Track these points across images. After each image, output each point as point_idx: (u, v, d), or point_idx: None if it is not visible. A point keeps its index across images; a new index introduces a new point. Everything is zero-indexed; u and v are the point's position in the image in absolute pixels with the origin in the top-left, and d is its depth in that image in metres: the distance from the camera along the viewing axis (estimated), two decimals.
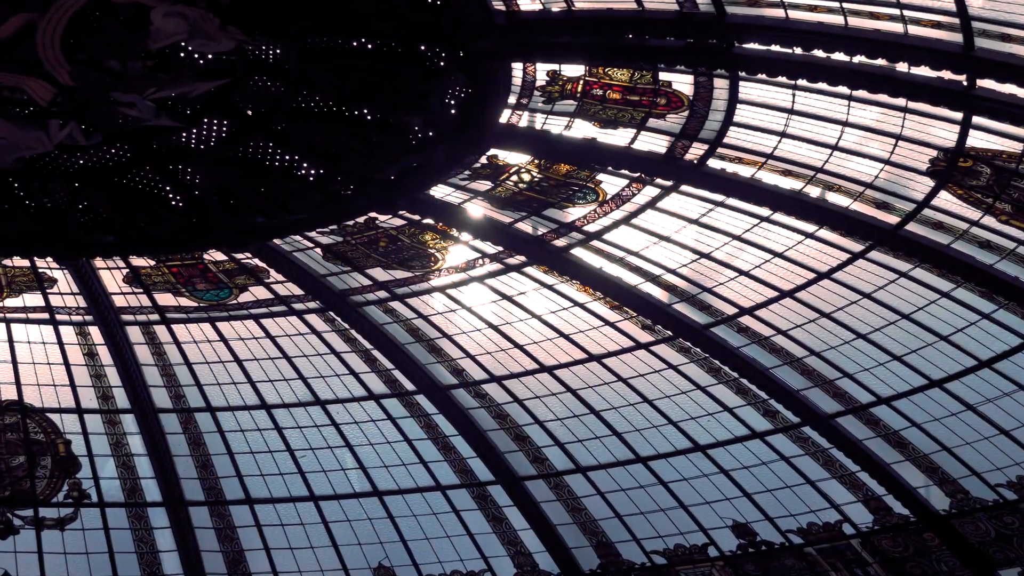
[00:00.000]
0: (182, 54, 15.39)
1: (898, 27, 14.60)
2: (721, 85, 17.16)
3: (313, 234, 21.55)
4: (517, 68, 17.22)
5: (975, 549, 21.19)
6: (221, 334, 24.60)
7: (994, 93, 14.98)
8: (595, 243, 21.22)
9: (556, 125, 18.49)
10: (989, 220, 18.18)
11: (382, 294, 23.39)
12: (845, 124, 17.58)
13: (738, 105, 17.51)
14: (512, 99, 17.75)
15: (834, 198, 18.89)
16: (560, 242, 21.30)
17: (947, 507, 21.41)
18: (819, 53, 15.03)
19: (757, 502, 23.12)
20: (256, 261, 22.66)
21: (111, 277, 23.56)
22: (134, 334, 24.81)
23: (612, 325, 22.86)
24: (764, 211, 19.60)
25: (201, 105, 17.03)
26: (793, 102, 17.40)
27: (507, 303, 23.10)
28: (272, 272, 22.91)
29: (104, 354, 25.18)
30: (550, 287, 22.54)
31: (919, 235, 18.76)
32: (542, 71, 17.44)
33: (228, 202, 19.23)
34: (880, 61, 15.03)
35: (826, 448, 22.21)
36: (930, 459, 21.38)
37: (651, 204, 20.19)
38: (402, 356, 24.22)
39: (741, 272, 21.10)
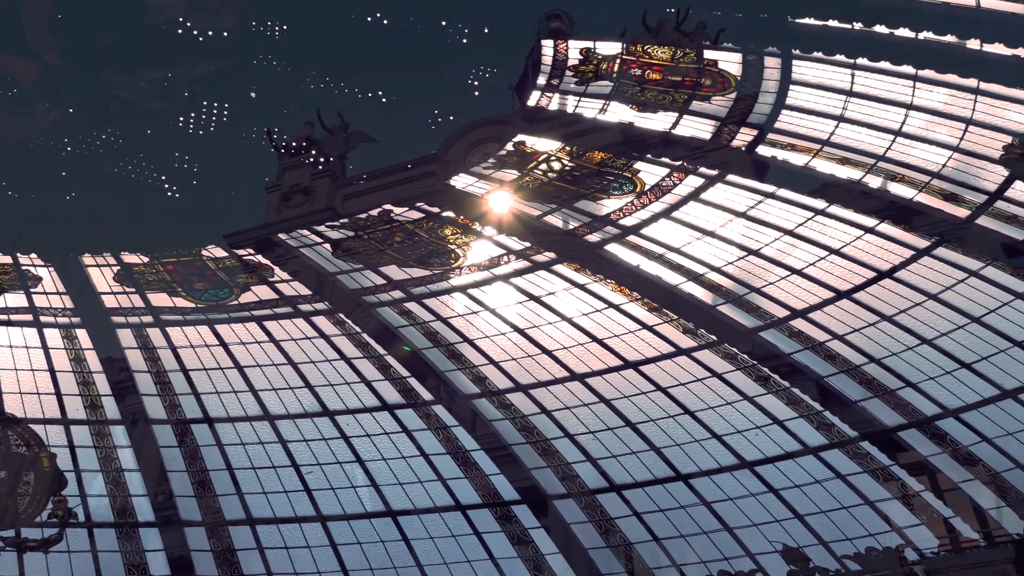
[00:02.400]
0: (180, 30, 15.48)
1: None
2: (772, 64, 17.16)
3: (322, 228, 21.63)
4: (547, 45, 17.23)
5: None
6: (220, 338, 24.71)
7: None
8: (632, 238, 21.22)
9: (590, 108, 18.50)
10: None
11: (397, 294, 23.45)
12: (909, 107, 17.55)
13: (791, 86, 17.49)
14: (542, 80, 17.78)
15: (897, 189, 18.85)
16: (593, 237, 21.31)
17: (1021, 531, 21.30)
18: (881, 28, 14.98)
19: (810, 524, 23.04)
20: (259, 258, 22.74)
21: (100, 275, 23.68)
22: (125, 337, 24.94)
23: (650, 329, 22.84)
24: (819, 203, 19.60)
25: None
26: (852, 83, 17.39)
27: (534, 304, 23.13)
28: (276, 270, 22.99)
29: (92, 359, 25.31)
30: (582, 287, 22.56)
31: (991, 230, 18.70)
32: (574, 49, 17.46)
33: None
34: (949, 38, 14.98)
35: (887, 465, 22.14)
36: (1002, 477, 21.27)
37: (694, 195, 20.21)
38: (419, 362, 24.26)
39: (793, 271, 21.08)
